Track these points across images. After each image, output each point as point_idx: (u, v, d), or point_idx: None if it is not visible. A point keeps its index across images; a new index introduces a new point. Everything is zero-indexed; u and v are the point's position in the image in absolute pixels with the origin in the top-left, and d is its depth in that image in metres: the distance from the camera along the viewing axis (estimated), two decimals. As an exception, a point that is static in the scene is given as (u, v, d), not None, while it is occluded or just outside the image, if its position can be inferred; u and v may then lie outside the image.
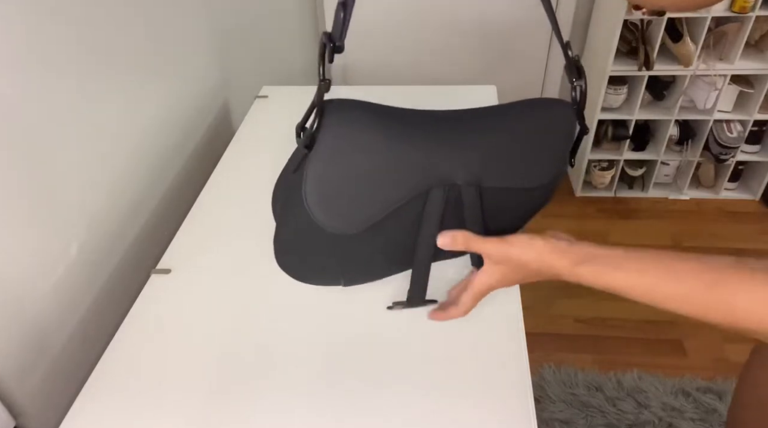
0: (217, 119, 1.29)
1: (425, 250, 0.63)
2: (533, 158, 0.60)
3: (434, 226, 0.61)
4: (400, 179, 0.58)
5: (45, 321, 0.74)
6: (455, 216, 0.61)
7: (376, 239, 0.62)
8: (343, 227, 0.60)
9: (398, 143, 0.58)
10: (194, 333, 0.73)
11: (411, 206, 0.60)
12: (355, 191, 0.58)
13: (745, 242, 1.94)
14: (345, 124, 0.59)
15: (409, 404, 0.64)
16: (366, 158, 0.58)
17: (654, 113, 1.95)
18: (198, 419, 0.63)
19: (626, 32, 1.83)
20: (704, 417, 1.39)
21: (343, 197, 0.59)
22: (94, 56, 0.83)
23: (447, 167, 0.58)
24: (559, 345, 1.60)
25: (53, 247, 0.76)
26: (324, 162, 0.58)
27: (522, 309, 0.74)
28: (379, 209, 0.59)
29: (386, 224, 0.61)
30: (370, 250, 0.64)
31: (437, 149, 0.59)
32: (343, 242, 0.62)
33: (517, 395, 0.64)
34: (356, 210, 0.59)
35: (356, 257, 0.65)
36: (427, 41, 1.96)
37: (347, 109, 0.60)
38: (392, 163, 0.58)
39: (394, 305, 0.71)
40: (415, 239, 0.62)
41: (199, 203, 0.95)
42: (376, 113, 0.60)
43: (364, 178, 0.58)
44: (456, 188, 0.59)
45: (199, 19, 1.19)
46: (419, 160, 0.58)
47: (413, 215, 0.61)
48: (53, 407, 0.75)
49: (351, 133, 0.58)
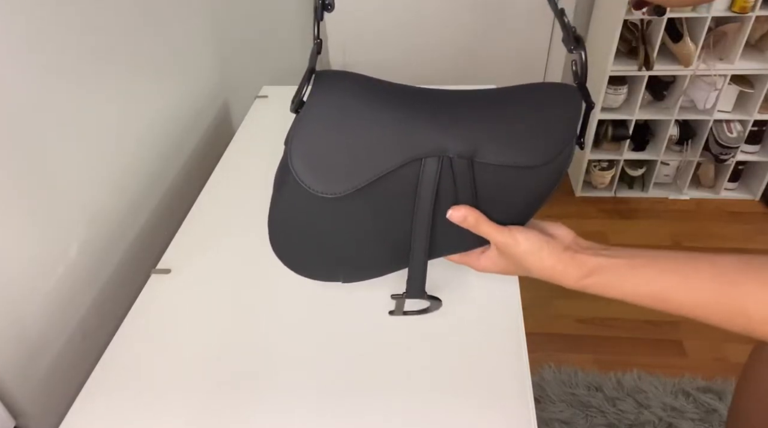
0: (217, 119, 1.29)
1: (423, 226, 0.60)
2: (535, 135, 0.57)
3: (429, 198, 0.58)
4: (390, 147, 0.56)
5: (45, 320, 0.74)
6: (450, 192, 0.58)
7: (368, 211, 0.59)
8: (328, 188, 0.56)
9: (389, 112, 0.57)
10: (194, 333, 0.73)
11: (401, 175, 0.57)
12: (343, 155, 0.56)
13: (745, 242, 1.94)
14: (336, 91, 0.58)
15: (408, 404, 0.64)
16: (355, 124, 0.56)
17: (654, 113, 1.95)
18: (198, 419, 0.63)
19: (626, 32, 1.83)
20: (704, 417, 1.39)
21: (329, 160, 0.56)
22: (95, 56, 0.83)
23: (439, 139, 0.56)
24: (559, 345, 1.60)
25: (53, 247, 0.76)
26: (311, 126, 0.57)
27: (522, 309, 0.74)
28: (367, 172, 0.56)
29: (376, 193, 0.58)
30: (364, 230, 0.61)
31: (431, 121, 0.56)
32: (335, 216, 0.60)
33: (517, 395, 0.64)
34: (343, 173, 0.57)
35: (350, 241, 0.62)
36: (428, 41, 1.96)
37: (339, 78, 0.60)
38: (382, 131, 0.56)
39: (394, 298, 0.69)
40: (410, 214, 0.59)
41: (199, 203, 0.95)
42: (369, 83, 0.60)
43: (352, 143, 0.56)
44: (448, 160, 0.56)
45: (199, 19, 1.19)
46: (410, 130, 0.56)
47: (404, 187, 0.58)
48: (53, 407, 0.75)
49: (341, 99, 0.57)
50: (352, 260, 0.64)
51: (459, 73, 2.03)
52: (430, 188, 0.57)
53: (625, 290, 0.52)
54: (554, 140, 0.57)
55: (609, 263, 0.53)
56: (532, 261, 0.56)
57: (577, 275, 0.54)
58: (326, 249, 0.63)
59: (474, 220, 0.58)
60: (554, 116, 0.58)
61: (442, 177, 0.57)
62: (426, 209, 0.58)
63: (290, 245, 0.64)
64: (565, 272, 0.55)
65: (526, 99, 0.60)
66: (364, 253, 0.63)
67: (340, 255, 0.63)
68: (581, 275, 0.54)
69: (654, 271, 0.50)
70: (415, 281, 0.63)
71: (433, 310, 0.70)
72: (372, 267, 0.65)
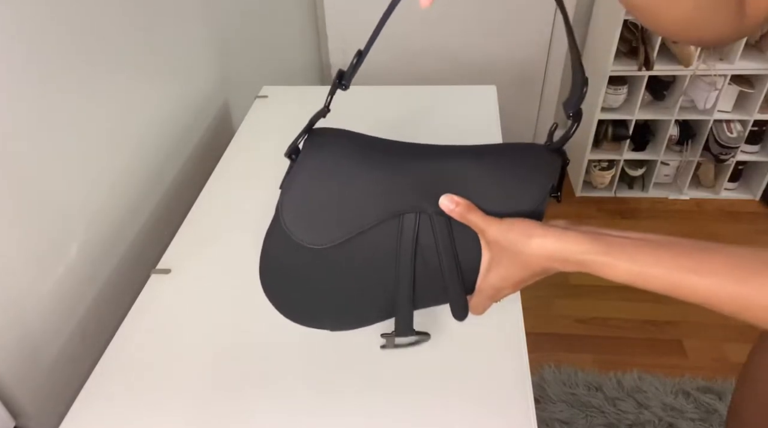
0: (217, 119, 1.29)
1: (406, 277, 0.63)
2: (509, 194, 0.59)
3: (410, 251, 0.61)
4: (372, 204, 0.60)
5: (45, 320, 0.74)
6: (431, 246, 0.61)
7: (353, 264, 0.63)
8: (313, 240, 0.61)
9: (375, 172, 0.61)
10: (194, 333, 0.73)
11: (383, 231, 0.61)
12: (329, 210, 0.61)
13: (745, 242, 1.94)
14: (328, 148, 0.63)
15: (408, 404, 0.64)
16: (343, 182, 0.61)
17: (654, 113, 1.95)
18: (198, 418, 0.63)
19: (626, 32, 1.83)
20: (704, 417, 1.39)
21: (316, 213, 0.61)
22: (95, 56, 0.83)
23: (417, 198, 0.60)
24: (559, 345, 1.61)
25: (53, 247, 0.76)
26: (302, 180, 0.62)
27: (522, 309, 0.74)
28: (349, 226, 0.61)
29: (360, 247, 0.62)
30: (350, 282, 0.64)
31: (412, 180, 0.60)
32: (321, 266, 0.64)
33: (517, 395, 0.64)
34: (328, 226, 0.61)
35: (337, 291, 0.65)
36: (428, 41, 1.96)
37: (333, 136, 0.64)
38: (366, 189, 0.61)
39: (384, 337, 0.70)
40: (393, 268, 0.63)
41: (199, 203, 0.95)
42: (360, 142, 0.64)
43: (338, 199, 0.61)
44: (426, 216, 0.60)
45: (199, 19, 1.19)
46: (392, 189, 0.60)
47: (387, 241, 0.62)
48: (53, 407, 0.75)
49: (332, 157, 0.62)
50: (338, 310, 0.66)
51: (459, 73, 2.03)
52: (410, 241, 0.61)
53: (632, 269, 0.47)
54: (529, 197, 0.60)
55: (615, 240, 0.49)
56: (526, 244, 0.52)
57: (578, 248, 0.49)
58: (313, 298, 0.66)
59: (464, 208, 0.57)
60: (529, 176, 0.60)
61: (420, 231, 0.60)
62: (407, 261, 0.61)
63: (279, 290, 0.67)
64: (564, 245, 0.50)
65: (503, 157, 0.62)
66: (350, 304, 0.66)
67: (327, 304, 0.66)
68: (584, 249, 0.49)
69: (666, 253, 0.46)
70: (403, 324, 0.65)
71: (422, 343, 0.70)
72: (358, 318, 0.67)
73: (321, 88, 1.30)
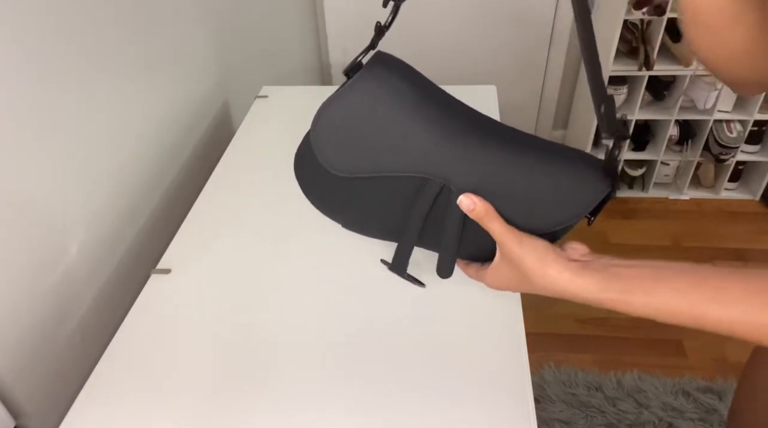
0: (217, 119, 1.29)
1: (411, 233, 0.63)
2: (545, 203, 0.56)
3: (420, 215, 0.61)
4: (402, 155, 0.59)
5: (45, 320, 0.74)
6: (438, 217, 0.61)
7: (369, 194, 0.63)
8: (330, 165, 0.61)
9: (417, 124, 0.59)
10: (194, 333, 0.73)
11: (401, 184, 0.61)
12: (355, 144, 0.60)
13: (745, 242, 1.94)
14: (388, 82, 0.60)
15: (408, 404, 0.64)
16: (381, 123, 0.59)
17: (654, 113, 1.95)
18: (198, 418, 0.63)
19: (626, 32, 1.83)
20: (704, 417, 1.39)
21: (341, 142, 0.60)
22: (95, 56, 0.83)
23: (448, 170, 0.58)
24: (559, 345, 1.60)
25: (53, 247, 0.76)
26: (341, 107, 0.60)
27: (522, 309, 0.74)
28: (369, 168, 0.60)
29: (375, 188, 0.62)
30: (365, 202, 0.65)
31: (449, 148, 0.58)
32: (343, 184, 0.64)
33: (517, 395, 0.64)
34: (349, 158, 0.61)
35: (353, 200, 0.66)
36: (428, 41, 1.96)
37: (398, 69, 0.62)
38: (402, 138, 0.59)
39: (383, 263, 0.72)
40: (403, 218, 0.63)
41: (199, 203, 0.95)
42: (420, 91, 0.61)
43: (369, 138, 0.60)
44: (447, 190, 0.59)
45: (199, 19, 1.19)
46: (428, 149, 0.59)
47: (403, 194, 0.61)
48: (53, 407, 0.75)
49: (386, 94, 0.59)
50: (352, 216, 0.67)
51: (459, 73, 2.03)
52: (427, 202, 0.60)
53: (651, 304, 0.45)
54: (563, 214, 0.57)
55: (631, 273, 0.47)
56: (540, 275, 0.50)
57: (594, 287, 0.48)
58: (334, 195, 0.66)
59: (483, 209, 0.55)
60: (574, 191, 0.57)
61: (438, 199, 0.60)
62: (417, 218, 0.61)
63: (305, 176, 0.68)
64: (579, 284, 0.48)
65: (552, 166, 0.57)
66: (364, 217, 0.66)
67: (344, 206, 0.66)
68: (599, 288, 0.48)
69: (684, 283, 0.45)
70: (399, 260, 0.65)
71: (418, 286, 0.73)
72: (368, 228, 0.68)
73: (321, 88, 1.30)
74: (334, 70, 2.04)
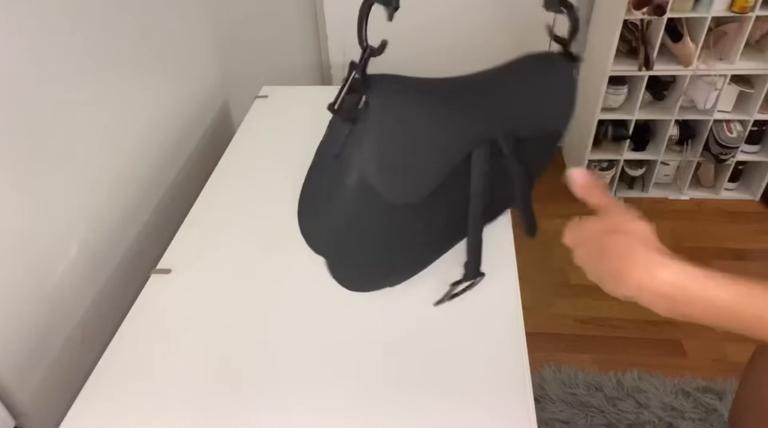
0: (217, 119, 1.29)
1: (477, 208, 0.67)
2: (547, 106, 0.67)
3: (481, 182, 0.65)
4: (449, 144, 0.63)
5: (45, 320, 0.74)
6: (498, 171, 0.65)
7: (432, 209, 0.66)
8: (408, 197, 0.63)
9: (440, 112, 0.62)
10: (194, 333, 0.73)
11: (461, 168, 0.64)
12: (412, 161, 0.62)
13: (745, 242, 1.94)
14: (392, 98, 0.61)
15: (408, 404, 0.64)
16: (415, 130, 0.61)
17: (654, 113, 1.95)
18: (198, 418, 0.63)
19: (626, 32, 1.83)
20: (704, 417, 1.39)
21: (402, 168, 0.62)
22: (95, 57, 0.83)
23: (484, 126, 0.64)
24: (559, 345, 1.60)
25: (53, 247, 0.76)
26: (379, 137, 0.60)
27: (522, 309, 0.74)
28: (437, 173, 0.63)
29: (441, 191, 0.64)
30: (422, 226, 0.68)
31: (471, 112, 0.64)
32: (397, 220, 0.66)
33: (517, 395, 0.64)
34: (417, 178, 0.63)
35: (407, 240, 0.68)
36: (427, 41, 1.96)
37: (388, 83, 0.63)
38: (439, 131, 0.62)
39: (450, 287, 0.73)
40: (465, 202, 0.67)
41: (199, 202, 0.95)
42: (413, 86, 0.64)
43: (418, 148, 0.62)
44: (495, 142, 0.64)
45: (199, 19, 1.19)
46: (461, 124, 0.63)
47: (463, 178, 0.65)
48: (53, 407, 0.75)
49: (397, 108, 0.61)
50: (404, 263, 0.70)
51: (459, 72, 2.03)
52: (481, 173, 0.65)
53: None
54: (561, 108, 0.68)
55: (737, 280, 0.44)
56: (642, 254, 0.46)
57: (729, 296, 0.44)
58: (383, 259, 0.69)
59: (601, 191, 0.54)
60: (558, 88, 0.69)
61: (492, 158, 0.64)
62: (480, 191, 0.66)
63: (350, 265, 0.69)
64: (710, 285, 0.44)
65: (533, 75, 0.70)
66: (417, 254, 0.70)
67: (394, 261, 0.70)
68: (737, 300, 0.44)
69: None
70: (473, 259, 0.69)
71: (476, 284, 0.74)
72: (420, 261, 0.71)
73: (321, 88, 1.30)
74: (334, 70, 2.04)
